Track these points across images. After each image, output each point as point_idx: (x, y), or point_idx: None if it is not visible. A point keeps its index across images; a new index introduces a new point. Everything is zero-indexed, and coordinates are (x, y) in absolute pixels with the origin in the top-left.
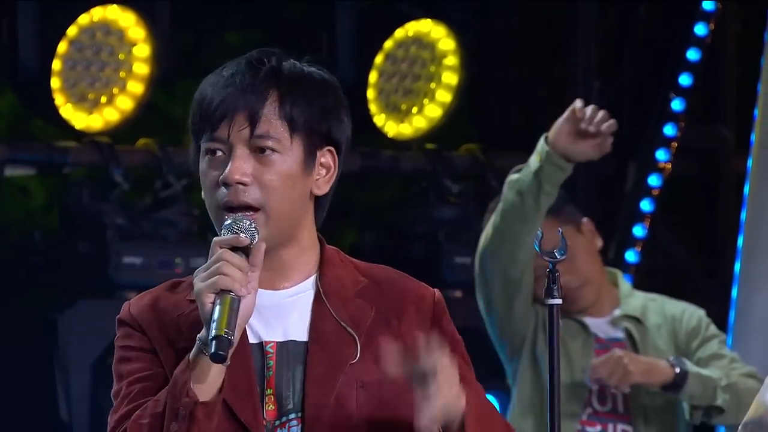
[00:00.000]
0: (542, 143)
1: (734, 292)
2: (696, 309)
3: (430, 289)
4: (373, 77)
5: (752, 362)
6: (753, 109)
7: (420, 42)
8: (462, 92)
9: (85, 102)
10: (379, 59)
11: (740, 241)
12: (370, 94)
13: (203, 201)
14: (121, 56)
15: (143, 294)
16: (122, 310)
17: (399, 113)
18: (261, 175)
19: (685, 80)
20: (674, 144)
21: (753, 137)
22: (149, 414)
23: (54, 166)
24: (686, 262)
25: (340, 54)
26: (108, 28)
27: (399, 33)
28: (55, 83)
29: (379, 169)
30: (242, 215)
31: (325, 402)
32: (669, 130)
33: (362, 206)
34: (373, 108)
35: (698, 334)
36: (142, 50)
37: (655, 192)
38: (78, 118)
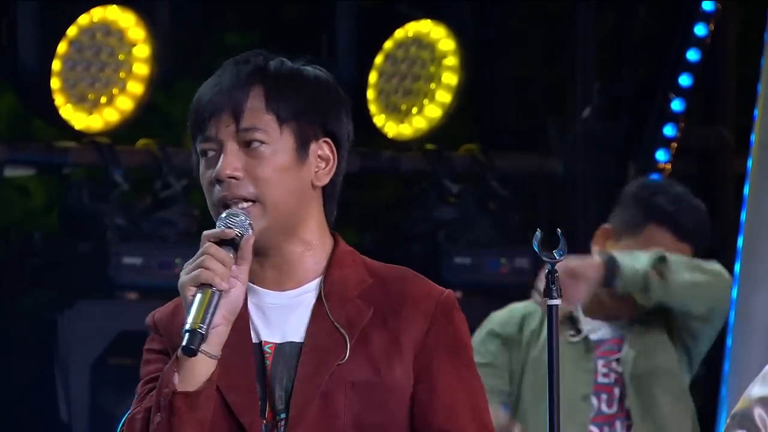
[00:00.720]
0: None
1: (734, 293)
2: None
3: (438, 289)
4: (373, 78)
5: (752, 363)
6: (753, 110)
7: (420, 42)
8: (462, 93)
9: (85, 102)
10: (379, 60)
11: (740, 242)
12: (370, 95)
13: (203, 201)
14: (121, 57)
15: (170, 302)
16: (149, 316)
17: (399, 114)
18: (252, 168)
19: (685, 81)
20: (674, 144)
21: (753, 138)
22: (143, 408)
23: (54, 167)
24: None
25: (340, 54)
26: (108, 29)
27: (399, 33)
28: (55, 84)
29: (379, 170)
30: (237, 209)
31: (309, 400)
32: (669, 131)
33: (362, 207)
34: (373, 108)
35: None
36: (142, 51)
37: None
38: (78, 119)
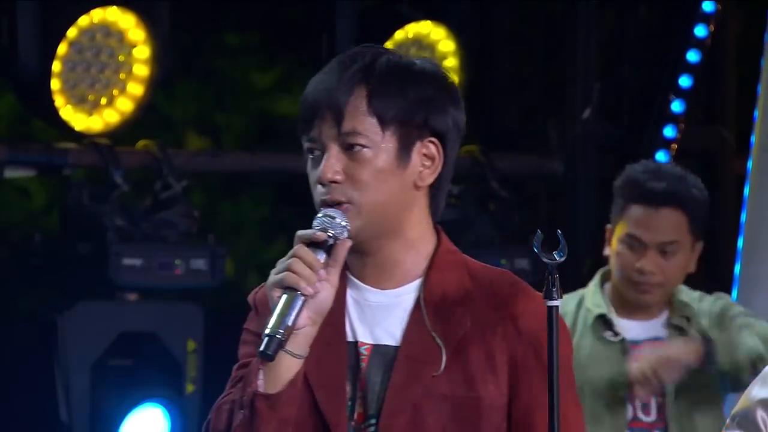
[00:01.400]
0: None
1: (734, 294)
2: (721, 295)
3: (538, 302)
4: None
5: None
6: (753, 111)
7: (420, 43)
8: (462, 93)
9: (85, 103)
10: None
11: (740, 243)
12: None
13: (203, 202)
14: (121, 58)
15: None
16: (252, 293)
17: None
18: (352, 172)
19: (685, 82)
20: (674, 146)
21: (753, 139)
22: (230, 399)
23: (54, 168)
24: None
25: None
26: (108, 30)
27: (399, 35)
28: (55, 85)
29: None
30: (334, 210)
31: (401, 410)
32: (669, 132)
33: None
34: None
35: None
36: (142, 52)
37: None
38: (78, 120)
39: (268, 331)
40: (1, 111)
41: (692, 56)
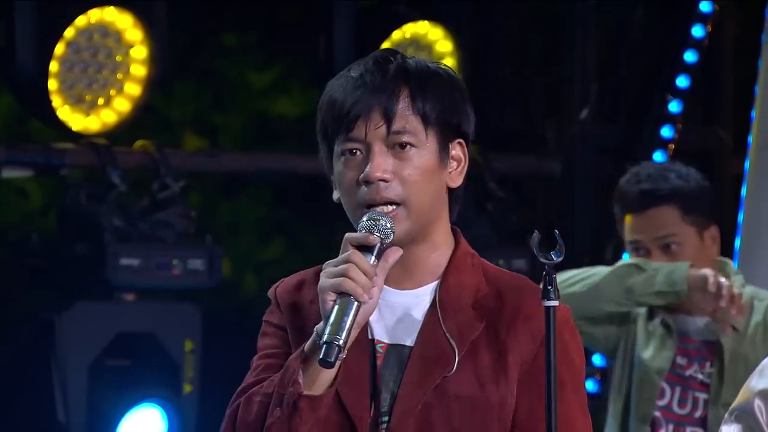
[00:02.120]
0: (682, 278)
1: None
2: None
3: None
4: None
5: None
6: (750, 111)
7: (417, 44)
8: None
9: (83, 104)
10: None
11: (737, 243)
12: None
13: (200, 202)
14: (119, 58)
15: (296, 274)
16: (272, 287)
17: None
18: (401, 171)
19: (683, 82)
20: (672, 146)
21: (750, 139)
22: (262, 393)
23: (51, 168)
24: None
25: (337, 56)
26: (105, 30)
27: (396, 35)
28: (53, 85)
29: None
30: (381, 211)
31: (411, 410)
32: (666, 132)
33: None
34: None
35: None
36: (140, 52)
37: None
38: (75, 120)
39: (327, 338)
40: None
41: (690, 56)
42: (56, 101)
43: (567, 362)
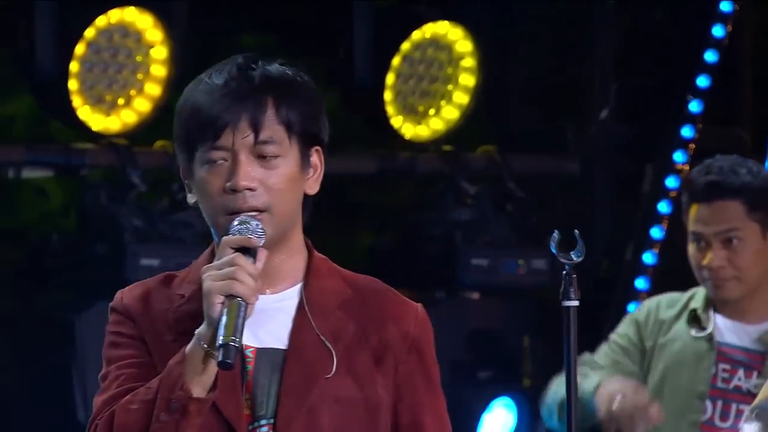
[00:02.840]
0: (592, 408)
1: None
2: None
3: (413, 306)
4: (390, 79)
5: None
6: None
7: (437, 44)
8: (479, 94)
9: (103, 104)
10: (397, 61)
11: None
12: (387, 96)
13: None
14: (139, 58)
15: (136, 285)
16: (115, 299)
17: (416, 115)
18: (267, 180)
19: (703, 82)
20: (692, 146)
21: None
22: (139, 400)
23: (71, 168)
24: None
25: (357, 56)
26: (125, 30)
27: (416, 35)
28: (73, 85)
29: (396, 171)
30: (249, 216)
31: (297, 413)
32: (686, 132)
33: (379, 208)
34: (390, 110)
35: None
36: (160, 52)
37: (673, 194)
38: (95, 120)
39: (223, 341)
40: (19, 112)
41: (710, 56)
42: (76, 101)
43: (434, 359)
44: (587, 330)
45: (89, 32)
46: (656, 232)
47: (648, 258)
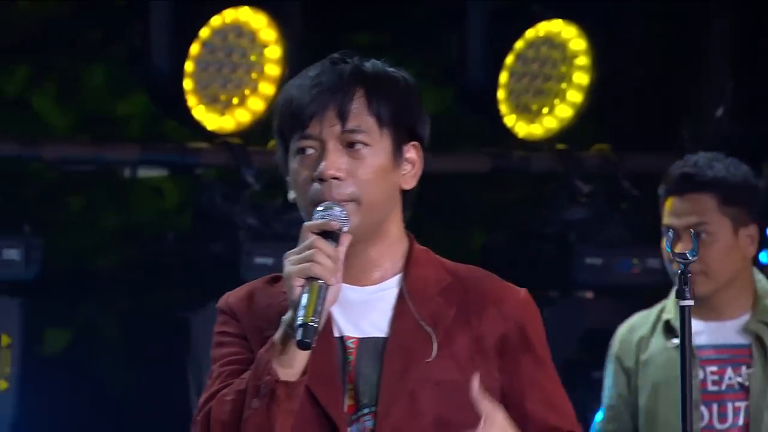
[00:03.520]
0: None
1: None
2: None
3: (516, 290)
4: (504, 78)
5: None
6: None
7: (551, 42)
8: (593, 92)
9: (217, 103)
10: (510, 60)
11: None
12: (501, 95)
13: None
14: (253, 58)
15: (242, 286)
16: (221, 300)
17: (529, 114)
18: (354, 169)
19: None
20: None
21: None
22: (233, 391)
23: (186, 167)
24: None
25: (471, 54)
26: (240, 30)
27: (530, 33)
28: (188, 85)
29: (509, 170)
30: (333, 203)
31: (398, 397)
32: None
33: (492, 207)
34: (504, 108)
35: None
36: (274, 52)
37: None
38: (210, 120)
39: (302, 321)
40: (135, 111)
41: None
42: (191, 101)
43: (542, 341)
44: None
45: (204, 32)
46: None
47: (764, 257)
